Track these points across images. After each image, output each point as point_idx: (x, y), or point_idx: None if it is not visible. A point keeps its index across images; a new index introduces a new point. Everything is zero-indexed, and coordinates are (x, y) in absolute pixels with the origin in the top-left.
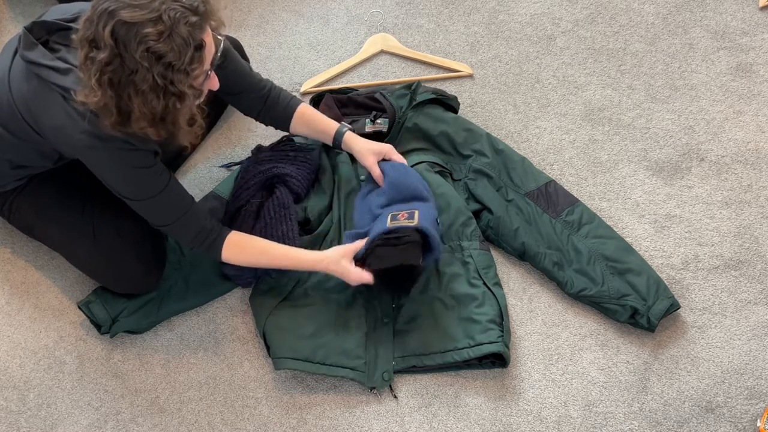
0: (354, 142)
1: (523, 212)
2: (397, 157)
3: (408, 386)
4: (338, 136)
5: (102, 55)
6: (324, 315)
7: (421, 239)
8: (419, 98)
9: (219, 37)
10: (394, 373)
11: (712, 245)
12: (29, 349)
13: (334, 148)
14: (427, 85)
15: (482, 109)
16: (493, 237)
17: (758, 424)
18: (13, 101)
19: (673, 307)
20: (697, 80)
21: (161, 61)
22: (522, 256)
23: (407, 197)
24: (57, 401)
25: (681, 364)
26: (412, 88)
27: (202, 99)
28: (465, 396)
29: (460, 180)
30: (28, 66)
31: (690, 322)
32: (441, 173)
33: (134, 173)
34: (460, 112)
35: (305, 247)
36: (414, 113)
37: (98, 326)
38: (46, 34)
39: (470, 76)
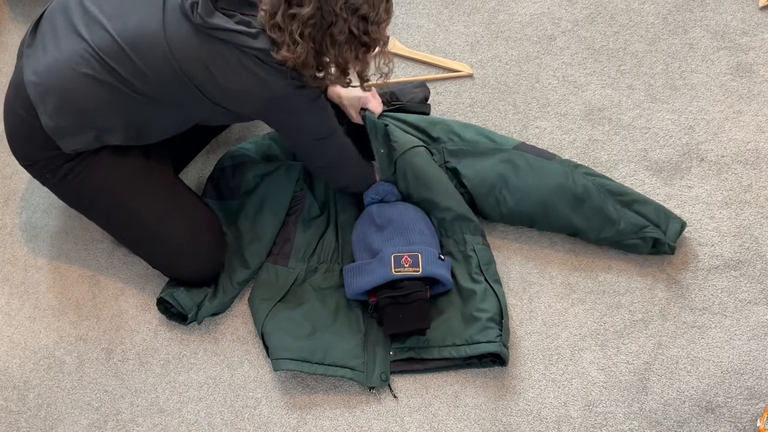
0: (338, 90)
1: (519, 166)
2: (375, 105)
3: (408, 386)
4: None
5: (305, 10)
6: (322, 315)
7: (428, 285)
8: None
9: None
10: (392, 362)
11: (712, 245)
12: (29, 349)
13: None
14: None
15: (482, 109)
16: (497, 216)
17: (758, 424)
18: (174, 60)
19: (683, 226)
20: (697, 80)
21: (357, 13)
22: (533, 224)
23: (405, 229)
24: (57, 401)
25: (681, 364)
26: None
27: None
28: (465, 396)
29: (441, 166)
30: (209, 31)
31: (690, 322)
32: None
33: (324, 112)
34: (460, 113)
35: (305, 245)
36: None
37: (182, 317)
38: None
39: (470, 76)
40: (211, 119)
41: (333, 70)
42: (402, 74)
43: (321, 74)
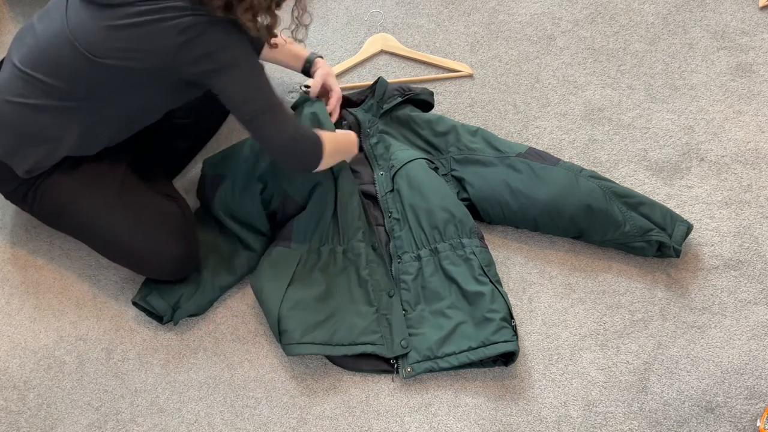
0: (321, 66)
1: (522, 173)
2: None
3: (408, 386)
4: (308, 61)
5: None
6: (335, 298)
7: None
8: (386, 106)
9: None
10: (412, 377)
11: (712, 245)
12: (29, 349)
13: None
14: (398, 81)
15: (482, 109)
16: (501, 221)
17: (758, 424)
18: (77, 44)
19: (689, 229)
20: (697, 80)
21: None
22: (537, 228)
23: None
24: (57, 401)
25: (681, 364)
26: (375, 96)
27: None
28: (465, 396)
29: (446, 174)
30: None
31: (690, 322)
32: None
33: (243, 47)
34: (460, 113)
35: (303, 225)
36: (383, 121)
37: (159, 317)
38: None
39: (470, 76)
40: (151, 101)
41: (248, 12)
42: (402, 74)
43: (234, 11)
